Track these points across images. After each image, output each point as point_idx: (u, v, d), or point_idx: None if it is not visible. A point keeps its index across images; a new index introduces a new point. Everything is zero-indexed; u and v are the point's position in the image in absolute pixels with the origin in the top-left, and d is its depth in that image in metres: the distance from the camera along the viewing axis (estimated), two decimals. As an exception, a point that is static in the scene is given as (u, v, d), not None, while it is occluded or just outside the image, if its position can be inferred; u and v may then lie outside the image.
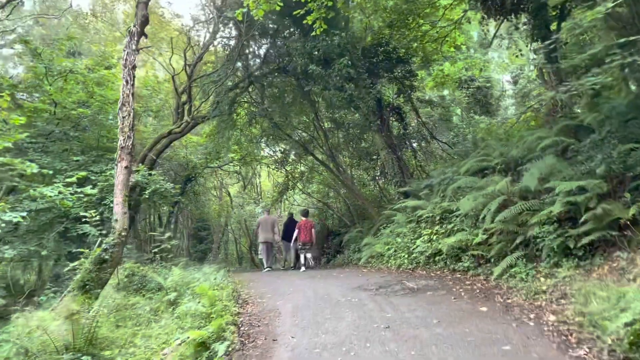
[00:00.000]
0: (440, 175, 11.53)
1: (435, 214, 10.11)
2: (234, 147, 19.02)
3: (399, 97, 16.60)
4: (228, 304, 7.07)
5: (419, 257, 9.80)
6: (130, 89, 10.58)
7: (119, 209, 9.81)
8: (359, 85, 12.74)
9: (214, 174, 23.93)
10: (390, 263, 10.75)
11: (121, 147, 10.16)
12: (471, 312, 5.81)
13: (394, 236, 11.57)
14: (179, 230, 32.47)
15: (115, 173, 10.14)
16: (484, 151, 11.11)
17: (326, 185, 21.54)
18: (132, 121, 10.41)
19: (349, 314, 6.16)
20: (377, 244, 11.85)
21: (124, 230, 9.72)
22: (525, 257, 7.33)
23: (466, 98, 21.44)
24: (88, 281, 9.18)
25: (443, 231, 9.60)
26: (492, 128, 15.12)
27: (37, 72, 14.73)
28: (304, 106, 16.90)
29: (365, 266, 12.05)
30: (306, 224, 13.32)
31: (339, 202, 22.09)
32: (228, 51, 14.29)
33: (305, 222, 13.42)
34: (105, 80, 15.04)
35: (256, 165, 28.82)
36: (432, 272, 9.01)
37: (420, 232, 10.41)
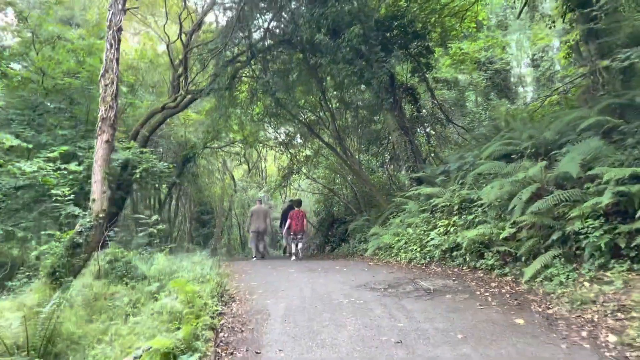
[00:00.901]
0: (459, 161, 10.33)
1: (453, 203, 8.93)
2: (235, 127, 17.85)
3: (414, 76, 15.32)
4: (209, 301, 5.97)
5: (433, 251, 8.65)
6: (115, 53, 9.44)
7: (98, 188, 8.75)
8: (370, 59, 11.49)
9: (214, 155, 22.77)
10: (400, 256, 9.61)
11: (102, 119, 9.06)
12: (504, 325, 4.66)
13: (404, 226, 10.43)
14: (180, 214, 31.59)
15: (95, 147, 9.05)
16: (509, 134, 9.87)
17: (332, 171, 20.37)
18: (116, 90, 9.29)
19: (351, 321, 5.04)
20: (386, 234, 10.71)
21: (102, 211, 8.66)
22: (563, 257, 6.17)
23: (484, 81, 20.08)
24: (58, 268, 8.16)
25: (462, 223, 8.43)
26: (515, 112, 13.82)
27: (24, 38, 13.64)
28: (311, 84, 15.67)
29: (371, 258, 10.93)
30: (298, 214, 13.07)
31: (346, 189, 20.94)
32: (228, 18, 13.03)
33: (298, 212, 13.15)
34: (97, 49, 13.87)
35: (261, 149, 27.75)
36: (448, 269, 7.87)
37: (435, 222, 9.25)
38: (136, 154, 13.13)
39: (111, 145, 9.10)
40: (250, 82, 15.05)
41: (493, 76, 20.47)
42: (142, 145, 14.18)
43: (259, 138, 19.81)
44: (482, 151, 9.82)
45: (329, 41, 11.27)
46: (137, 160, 13.20)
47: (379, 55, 11.51)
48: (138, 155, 13.18)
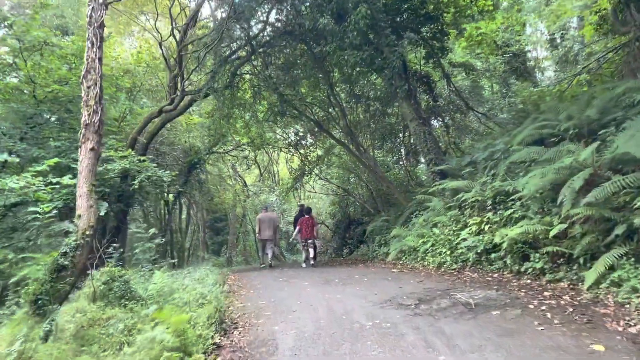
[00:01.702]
0: (488, 149, 9.19)
1: (486, 197, 7.80)
2: (239, 129, 16.86)
3: (428, 62, 14.17)
4: (205, 332, 4.95)
5: (466, 254, 7.53)
6: (97, 52, 8.49)
7: (83, 202, 7.78)
8: (380, 43, 10.41)
9: (220, 160, 21.83)
10: (427, 261, 8.52)
11: (85, 125, 8.11)
12: (580, 354, 3.55)
13: (429, 226, 9.33)
14: (193, 223, 30.79)
15: (79, 157, 8.11)
16: (543, 116, 8.71)
17: (346, 170, 19.29)
18: (100, 92, 8.33)
19: (378, 355, 3.98)
20: (409, 236, 9.61)
21: (89, 228, 7.69)
22: (633, 256, 5.03)
23: (502, 65, 18.83)
24: (41, 295, 7.22)
25: (497, 219, 7.30)
26: (543, 93, 12.60)
27: (10, 46, 12.82)
28: (317, 78, 14.63)
29: (394, 264, 9.85)
30: (308, 221, 12.77)
31: (361, 188, 19.85)
32: (224, 11, 12.00)
33: (307, 219, 12.83)
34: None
35: (272, 151, 26.80)
36: (487, 275, 6.75)
37: (466, 221, 8.14)
38: (134, 163, 12.22)
39: (97, 153, 8.15)
40: (252, 79, 14.04)
41: (511, 60, 19.25)
42: (141, 153, 13.28)
43: (267, 140, 18.77)
44: (513, 137, 8.69)
45: (334, 26, 10.21)
46: (136, 169, 12.31)
47: (389, 39, 10.42)
48: (136, 164, 12.28)
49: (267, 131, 18.41)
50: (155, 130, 13.38)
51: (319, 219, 25.82)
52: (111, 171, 11.77)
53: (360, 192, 20.13)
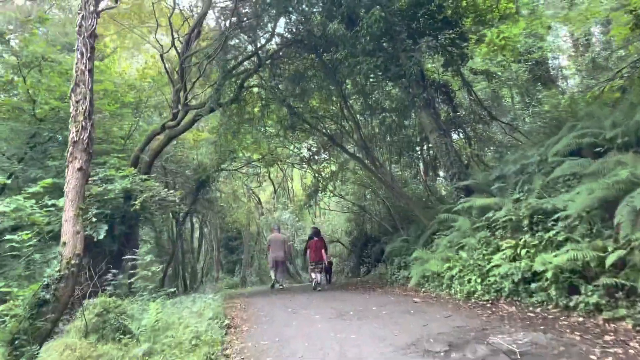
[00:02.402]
0: (520, 161, 8.24)
1: (521, 216, 6.83)
2: (248, 145, 16.12)
3: (446, 70, 13.30)
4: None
5: (500, 282, 6.55)
6: (87, 63, 7.81)
7: (69, 227, 7.03)
8: (396, 48, 9.59)
9: (231, 177, 21.10)
10: (454, 289, 7.54)
11: (73, 143, 7.40)
12: None
13: (455, 249, 8.36)
14: (206, 242, 30.08)
15: (66, 177, 7.38)
16: (581, 124, 7.75)
17: (362, 185, 18.39)
18: (90, 107, 7.64)
19: None
20: (432, 259, 8.64)
21: (75, 256, 6.92)
22: None
23: (525, 74, 17.86)
24: (19, 334, 6.43)
25: (536, 242, 6.32)
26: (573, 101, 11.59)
27: (7, 62, 12.34)
28: (329, 90, 13.86)
29: (416, 290, 8.87)
30: (317, 243, 12.74)
31: (377, 204, 18.89)
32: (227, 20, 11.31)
33: (316, 241, 12.81)
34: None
35: (286, 168, 26.08)
36: (527, 309, 5.76)
37: (498, 243, 7.16)
38: (136, 182, 11.52)
39: (86, 173, 7.43)
40: (260, 92, 13.29)
41: (533, 68, 18.29)
42: (145, 172, 12.59)
43: (278, 156, 18.00)
44: (549, 147, 7.75)
45: (345, 31, 9.43)
46: (139, 189, 11.60)
47: (405, 44, 9.59)
48: (138, 183, 11.58)
49: (279, 147, 17.64)
50: (160, 148, 12.69)
51: (335, 237, 24.90)
52: (111, 191, 11.04)
53: (376, 208, 19.18)
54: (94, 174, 11.57)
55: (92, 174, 11.67)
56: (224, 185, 22.34)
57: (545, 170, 7.69)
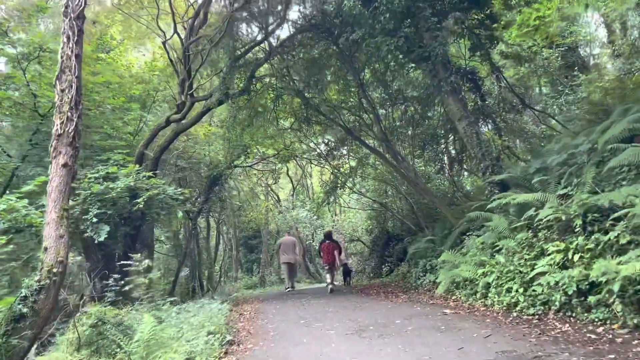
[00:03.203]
0: (562, 152, 7.17)
1: (571, 214, 5.77)
2: (263, 140, 15.26)
3: (474, 55, 12.21)
4: None
5: (548, 293, 5.51)
6: (74, 48, 7.01)
7: (52, 231, 6.22)
8: (420, 27, 8.58)
9: (245, 174, 20.29)
10: (490, 299, 6.53)
11: (57, 136, 6.61)
12: None
13: (489, 251, 7.35)
14: (224, 241, 29.44)
15: (49, 175, 6.60)
16: (637, 107, 6.65)
17: (382, 182, 17.37)
18: (76, 96, 6.84)
19: None
20: (463, 263, 7.64)
21: (58, 264, 6.13)
22: None
23: (557, 60, 16.59)
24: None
25: (592, 246, 5.28)
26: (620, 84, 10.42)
27: (5, 55, 11.70)
28: (346, 80, 12.91)
29: (445, 298, 7.87)
30: (329, 246, 12.74)
31: (400, 201, 17.86)
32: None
33: (328, 244, 12.80)
34: (89, 59, 11.73)
35: (305, 164, 25.26)
36: (585, 328, 4.74)
37: (542, 247, 6.12)
38: (140, 180, 10.78)
39: (72, 170, 6.62)
40: (271, 82, 12.36)
41: (566, 54, 17.04)
42: (151, 169, 11.84)
43: (294, 151, 17.10)
44: (599, 134, 6.67)
45: (362, 9, 8.46)
46: (144, 187, 10.86)
47: (430, 22, 8.56)
48: (143, 181, 10.83)
49: (294, 141, 16.76)
50: (166, 144, 11.92)
51: (355, 235, 23.97)
52: (114, 190, 10.30)
53: (398, 205, 18.16)
54: (95, 172, 10.87)
55: (93, 172, 11.00)
56: (239, 182, 21.55)
57: (595, 160, 6.64)
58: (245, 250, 32.67)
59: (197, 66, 11.36)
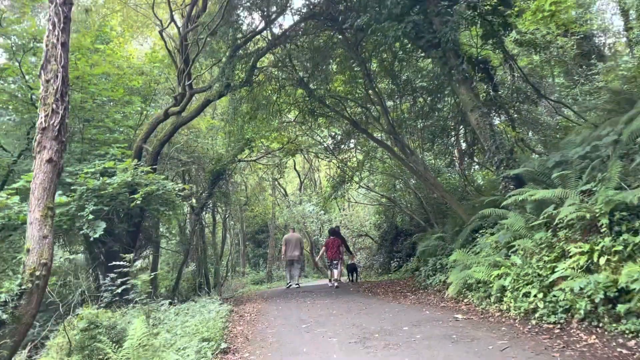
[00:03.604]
0: (584, 144, 6.63)
1: (596, 212, 5.26)
2: (267, 133, 14.78)
3: (486, 43, 11.62)
4: None
5: (571, 300, 5.01)
6: (60, 35, 6.58)
7: (35, 232, 5.83)
8: (428, 11, 8.05)
9: (249, 168, 19.86)
10: (506, 304, 6.03)
11: (42, 129, 6.19)
12: None
13: (503, 252, 6.85)
14: (230, 236, 29.13)
15: (33, 171, 6.20)
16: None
17: (390, 176, 16.86)
18: (62, 87, 6.41)
19: None
20: (476, 264, 7.13)
21: (41, 266, 5.74)
22: None
23: (573, 49, 15.92)
24: (-33, 364, 5.29)
25: (620, 248, 4.78)
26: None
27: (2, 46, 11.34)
28: (352, 71, 12.41)
29: (457, 301, 7.40)
30: (333, 242, 12.89)
31: (408, 196, 17.36)
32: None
33: (333, 240, 12.95)
34: (85, 48, 11.34)
35: (313, 158, 24.83)
36: (614, 340, 4.25)
37: (563, 247, 5.62)
38: (138, 175, 10.38)
39: (57, 166, 6.21)
40: (275, 73, 11.86)
41: (581, 43, 16.38)
42: (151, 164, 11.45)
43: (300, 145, 16.64)
44: (625, 126, 6.14)
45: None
46: (143, 183, 10.47)
47: (440, 6, 8.03)
48: (141, 176, 10.43)
49: (300, 135, 16.29)
50: (166, 137, 11.51)
51: (363, 230, 23.51)
52: (111, 185, 9.91)
53: (407, 200, 17.66)
54: (91, 167, 10.49)
55: (90, 167, 10.62)
56: (245, 177, 21.16)
57: (620, 153, 6.10)
58: (253, 245, 32.37)
59: (195, 56, 10.89)
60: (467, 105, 8.22)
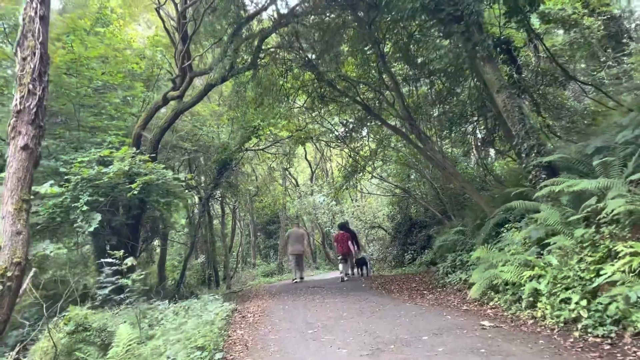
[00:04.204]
0: (632, 127, 5.80)
1: (652, 207, 4.47)
2: (275, 121, 14.03)
3: (509, 22, 10.74)
4: None
5: (624, 310, 4.24)
6: (38, 8, 5.91)
7: (7, 226, 5.19)
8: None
9: (257, 158, 19.15)
10: (541, 311, 5.27)
11: (16, 112, 5.55)
12: None
13: (535, 249, 6.06)
14: (240, 227, 28.59)
15: (7, 159, 5.57)
16: None
17: (405, 165, 16.06)
18: (40, 65, 5.76)
19: None
20: (502, 262, 6.37)
21: (13, 266, 5.12)
22: None
23: (600, 30, 14.89)
24: None
25: (685, 249, 3.98)
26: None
27: (-8, 30, 10.75)
28: (366, 55, 11.60)
29: (481, 304, 6.64)
30: (343, 236, 12.94)
31: (423, 186, 16.57)
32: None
33: (342, 234, 13.02)
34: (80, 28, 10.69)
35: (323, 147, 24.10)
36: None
37: (608, 246, 4.84)
38: (136, 164, 9.74)
39: (34, 154, 5.57)
40: (281, 54, 11.08)
41: (608, 23, 15.35)
42: (151, 152, 10.80)
43: (310, 133, 15.88)
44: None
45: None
46: (142, 172, 9.83)
47: (463, -26, 7.19)
48: (139, 165, 9.79)
49: (309, 122, 15.54)
50: (166, 124, 10.85)
51: (376, 222, 22.78)
52: (106, 175, 9.28)
53: (422, 190, 16.87)
54: (86, 155, 9.87)
55: (84, 155, 9.99)
56: (254, 166, 20.51)
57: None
58: (264, 235, 31.82)
59: (196, 37, 10.16)
60: (493, 86, 7.39)
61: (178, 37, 9.86)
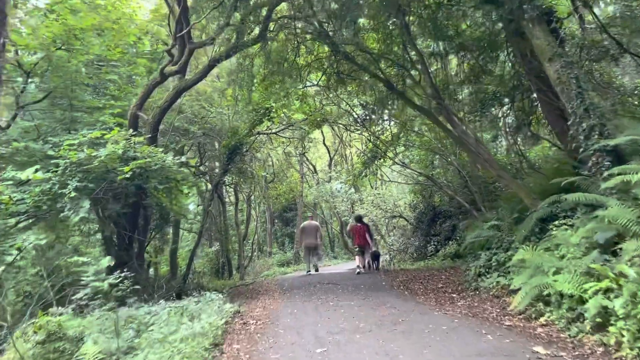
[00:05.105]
0: None
1: None
2: (289, 102, 12.91)
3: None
4: None
5: None
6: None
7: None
8: None
9: (269, 142, 18.04)
10: (615, 337, 4.09)
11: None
12: None
13: (598, 255, 4.86)
14: (256, 214, 27.74)
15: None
16: None
17: (429, 150, 14.81)
18: None
19: None
20: (554, 267, 5.18)
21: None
22: None
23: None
24: None
25: None
26: None
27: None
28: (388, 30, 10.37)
29: (527, 317, 5.48)
30: (360, 229, 13.11)
31: (449, 174, 15.32)
32: None
33: (360, 227, 13.18)
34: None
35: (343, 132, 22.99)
36: None
37: None
38: (132, 148, 8.75)
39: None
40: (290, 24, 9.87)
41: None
42: (151, 135, 9.80)
43: (326, 115, 14.73)
44: None
45: None
46: (140, 156, 8.84)
47: None
48: (135, 148, 8.80)
49: (327, 104, 14.39)
50: (166, 104, 9.81)
51: (397, 211, 21.61)
52: (97, 159, 8.28)
53: (448, 178, 15.60)
54: (77, 137, 8.89)
55: (74, 137, 9.02)
56: (268, 152, 19.48)
57: None
58: (281, 223, 30.96)
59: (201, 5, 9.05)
60: (545, 53, 6.13)
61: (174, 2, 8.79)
